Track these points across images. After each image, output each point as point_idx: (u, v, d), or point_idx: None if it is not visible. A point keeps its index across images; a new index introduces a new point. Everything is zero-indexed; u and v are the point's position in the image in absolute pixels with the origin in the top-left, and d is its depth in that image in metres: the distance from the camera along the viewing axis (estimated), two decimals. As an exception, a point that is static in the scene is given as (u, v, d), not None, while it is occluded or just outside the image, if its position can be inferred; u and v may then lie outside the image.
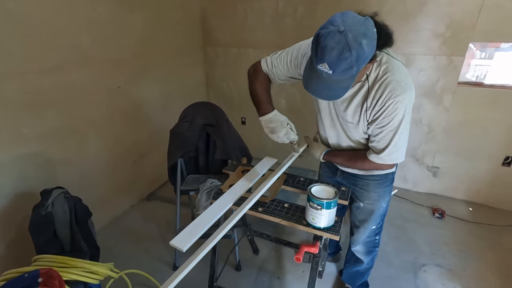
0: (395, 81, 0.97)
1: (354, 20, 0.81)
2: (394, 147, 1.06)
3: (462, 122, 2.32)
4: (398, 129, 1.02)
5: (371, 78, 1.01)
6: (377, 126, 1.05)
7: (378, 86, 1.00)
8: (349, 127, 1.16)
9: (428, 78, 2.29)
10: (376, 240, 1.47)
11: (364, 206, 1.36)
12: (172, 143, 1.78)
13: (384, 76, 0.99)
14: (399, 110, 0.99)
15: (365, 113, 1.06)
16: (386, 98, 0.98)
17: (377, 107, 1.01)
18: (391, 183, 1.34)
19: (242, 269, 1.83)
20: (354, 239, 1.48)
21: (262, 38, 2.71)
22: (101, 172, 2.12)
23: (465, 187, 2.50)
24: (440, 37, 2.15)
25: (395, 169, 1.31)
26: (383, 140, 1.06)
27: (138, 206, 2.47)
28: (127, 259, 1.92)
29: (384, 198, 1.34)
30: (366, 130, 1.12)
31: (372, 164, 1.13)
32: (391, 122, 1.01)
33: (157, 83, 2.48)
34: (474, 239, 2.11)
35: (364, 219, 1.40)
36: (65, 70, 1.75)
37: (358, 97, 1.06)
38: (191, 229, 0.97)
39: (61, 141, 1.81)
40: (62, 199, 1.48)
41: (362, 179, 1.31)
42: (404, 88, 0.98)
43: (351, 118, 1.11)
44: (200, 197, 1.17)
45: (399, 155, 1.09)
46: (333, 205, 0.98)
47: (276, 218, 1.08)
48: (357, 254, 1.50)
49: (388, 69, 0.99)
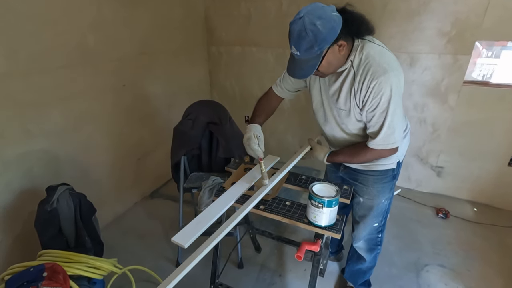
0: (376, 64, 1.03)
1: (313, 7, 0.95)
2: (389, 129, 1.08)
3: (468, 121, 2.29)
4: (388, 109, 1.05)
5: (355, 64, 1.07)
6: (369, 111, 1.08)
7: (362, 70, 1.05)
8: (342, 118, 1.19)
9: (432, 77, 2.27)
10: (378, 238, 1.47)
11: (364, 201, 1.37)
12: (176, 141, 1.79)
13: (366, 60, 1.04)
14: (384, 90, 1.02)
15: (355, 98, 1.09)
16: (370, 80, 1.03)
17: (364, 90, 1.05)
18: (392, 179, 1.34)
19: (244, 267, 1.84)
20: (355, 235, 1.48)
21: (266, 37, 2.71)
22: (105, 170, 2.14)
23: (469, 187, 2.48)
24: (445, 36, 2.13)
25: (396, 166, 1.31)
26: (377, 124, 1.09)
27: (142, 204, 2.49)
28: (131, 255, 1.94)
29: (384, 194, 1.35)
30: (359, 118, 1.14)
31: (374, 152, 1.15)
32: (380, 104, 1.04)
33: (161, 81, 2.50)
34: (478, 240, 2.09)
35: (364, 214, 1.40)
36: (70, 69, 1.77)
37: (347, 83, 1.10)
38: (193, 226, 0.98)
39: (67, 139, 1.83)
40: (67, 195, 1.50)
41: (362, 174, 1.33)
42: (386, 68, 1.01)
43: (343, 105, 1.15)
44: (202, 194, 1.18)
45: (396, 137, 1.11)
46: (334, 203, 0.99)
47: (278, 216, 1.09)
48: (359, 251, 1.51)
49: (369, 54, 1.05)
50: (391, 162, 1.28)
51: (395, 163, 1.30)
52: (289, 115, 2.92)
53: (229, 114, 1.80)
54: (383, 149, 1.13)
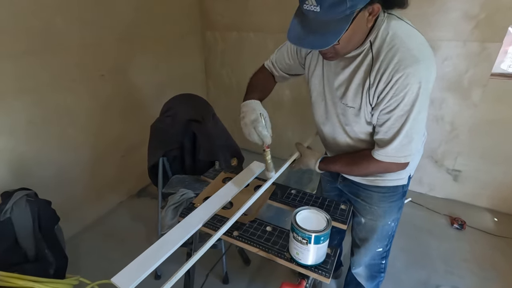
0: (405, 49, 0.76)
1: None
2: (405, 138, 0.82)
3: (493, 120, 1.99)
4: (411, 113, 0.78)
5: (376, 46, 0.79)
6: (383, 112, 0.83)
7: (384, 55, 0.78)
8: (348, 117, 0.92)
9: (454, 69, 1.96)
10: (382, 265, 1.24)
11: (366, 222, 1.13)
12: (153, 140, 1.58)
13: (391, 43, 0.77)
14: (410, 87, 0.75)
15: (368, 93, 0.83)
16: (393, 71, 0.76)
17: (382, 84, 0.79)
18: (401, 197, 1.09)
19: (230, 282, 1.65)
20: (355, 260, 1.26)
21: (265, 21, 2.42)
22: (83, 168, 1.96)
23: (490, 194, 2.19)
24: (473, 20, 1.81)
25: (407, 181, 1.06)
26: (391, 129, 0.83)
27: (127, 203, 2.31)
28: (109, 263, 1.75)
29: (391, 215, 1.10)
30: (369, 119, 0.88)
31: (380, 165, 0.89)
32: (401, 105, 0.78)
33: (147, 70, 2.27)
34: (499, 256, 1.83)
35: (365, 237, 1.17)
36: (35, 55, 1.55)
37: (360, 72, 0.83)
38: (138, 264, 0.78)
39: (34, 135, 1.64)
40: (24, 203, 1.32)
41: (365, 189, 1.08)
42: (417, 57, 0.75)
43: (351, 101, 0.88)
44: (165, 214, 0.97)
45: (413, 148, 0.85)
46: (323, 239, 0.75)
47: (253, 247, 0.87)
48: (358, 278, 1.28)
49: (397, 35, 0.77)
50: (401, 177, 1.03)
51: (406, 178, 1.05)
52: (289, 108, 2.65)
53: (213, 110, 1.57)
54: (392, 162, 0.88)
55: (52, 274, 1.33)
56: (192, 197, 1.05)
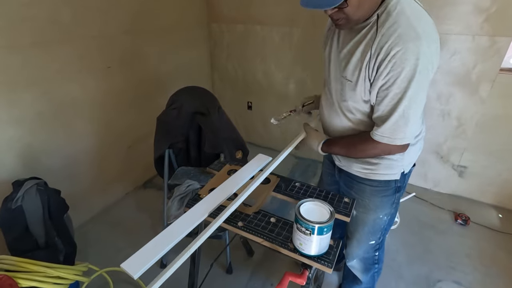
0: (408, 25, 0.76)
1: None
2: (402, 118, 0.82)
3: (501, 116, 1.97)
4: (408, 90, 0.78)
5: (382, 19, 0.80)
6: (382, 88, 0.82)
7: (387, 29, 0.78)
8: (344, 92, 0.92)
9: (462, 63, 1.93)
10: (375, 257, 1.25)
11: (357, 215, 1.14)
12: (159, 132, 1.60)
13: (396, 18, 0.78)
14: (408, 62, 0.75)
15: (368, 66, 0.82)
16: (392, 44, 0.76)
17: (381, 56, 0.78)
18: (394, 193, 1.08)
19: (234, 272, 1.68)
20: (348, 252, 1.27)
21: (272, 13, 2.40)
22: (90, 159, 1.99)
23: (495, 190, 2.18)
24: (483, 13, 1.77)
25: (400, 177, 1.04)
26: (387, 107, 0.83)
27: (134, 194, 2.35)
28: (116, 251, 1.81)
29: (383, 210, 1.11)
30: (366, 98, 0.88)
31: (378, 146, 0.89)
32: (398, 80, 0.78)
33: (154, 62, 2.27)
34: (502, 253, 1.83)
35: (356, 229, 1.18)
36: (42, 46, 1.57)
37: (363, 44, 0.84)
38: (148, 250, 0.79)
39: (43, 126, 1.67)
40: (34, 192, 1.35)
41: (358, 182, 1.09)
42: (419, 34, 0.75)
43: (351, 74, 0.88)
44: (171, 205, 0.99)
45: (407, 132, 0.84)
46: (326, 230, 0.77)
47: (258, 238, 0.88)
48: (353, 270, 1.30)
49: (404, 11, 0.78)
50: (393, 172, 1.02)
51: (399, 173, 1.03)
52: (294, 100, 2.64)
53: (218, 103, 1.57)
54: (388, 144, 0.87)
55: (62, 261, 1.37)
56: (198, 188, 1.07)
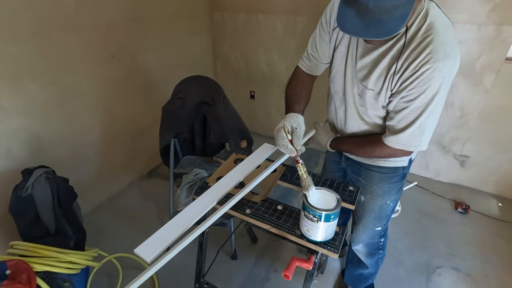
0: (439, 42, 0.75)
1: None
2: (418, 129, 0.84)
3: (504, 107, 1.97)
4: (429, 106, 0.80)
5: (411, 32, 0.79)
6: (403, 100, 0.84)
7: (417, 44, 0.77)
8: (364, 99, 0.93)
9: (467, 53, 1.93)
10: (380, 243, 1.29)
11: (365, 201, 1.18)
12: (164, 122, 1.61)
13: (427, 33, 0.77)
14: (434, 80, 0.77)
15: (391, 79, 0.83)
16: (423, 62, 0.76)
17: (409, 72, 0.79)
18: (401, 179, 1.12)
19: (238, 258, 1.72)
20: (354, 237, 1.31)
21: (275, 2, 2.38)
22: (95, 148, 2.01)
23: (496, 180, 2.21)
24: (490, 2, 1.76)
25: (408, 163, 1.09)
26: (406, 118, 0.85)
27: (138, 183, 2.38)
28: (122, 239, 1.86)
29: (390, 196, 1.14)
30: (385, 104, 0.89)
31: (385, 150, 0.92)
32: (422, 96, 0.79)
33: (156, 52, 2.26)
34: (501, 241, 1.87)
35: (363, 215, 1.22)
36: (46, 35, 1.56)
37: (389, 57, 0.83)
38: (159, 236, 0.82)
39: (49, 116, 1.68)
40: (44, 180, 1.38)
41: (367, 169, 1.12)
42: (448, 53, 0.75)
43: (373, 84, 0.88)
44: (180, 193, 1.01)
45: (423, 141, 0.87)
46: (333, 217, 0.79)
47: (265, 224, 0.91)
48: (358, 254, 1.34)
49: (434, 25, 0.77)
50: (402, 159, 1.06)
51: (407, 160, 1.08)
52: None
53: (223, 92, 1.58)
54: (400, 150, 0.90)
55: (72, 247, 1.41)
56: (206, 177, 1.09)
